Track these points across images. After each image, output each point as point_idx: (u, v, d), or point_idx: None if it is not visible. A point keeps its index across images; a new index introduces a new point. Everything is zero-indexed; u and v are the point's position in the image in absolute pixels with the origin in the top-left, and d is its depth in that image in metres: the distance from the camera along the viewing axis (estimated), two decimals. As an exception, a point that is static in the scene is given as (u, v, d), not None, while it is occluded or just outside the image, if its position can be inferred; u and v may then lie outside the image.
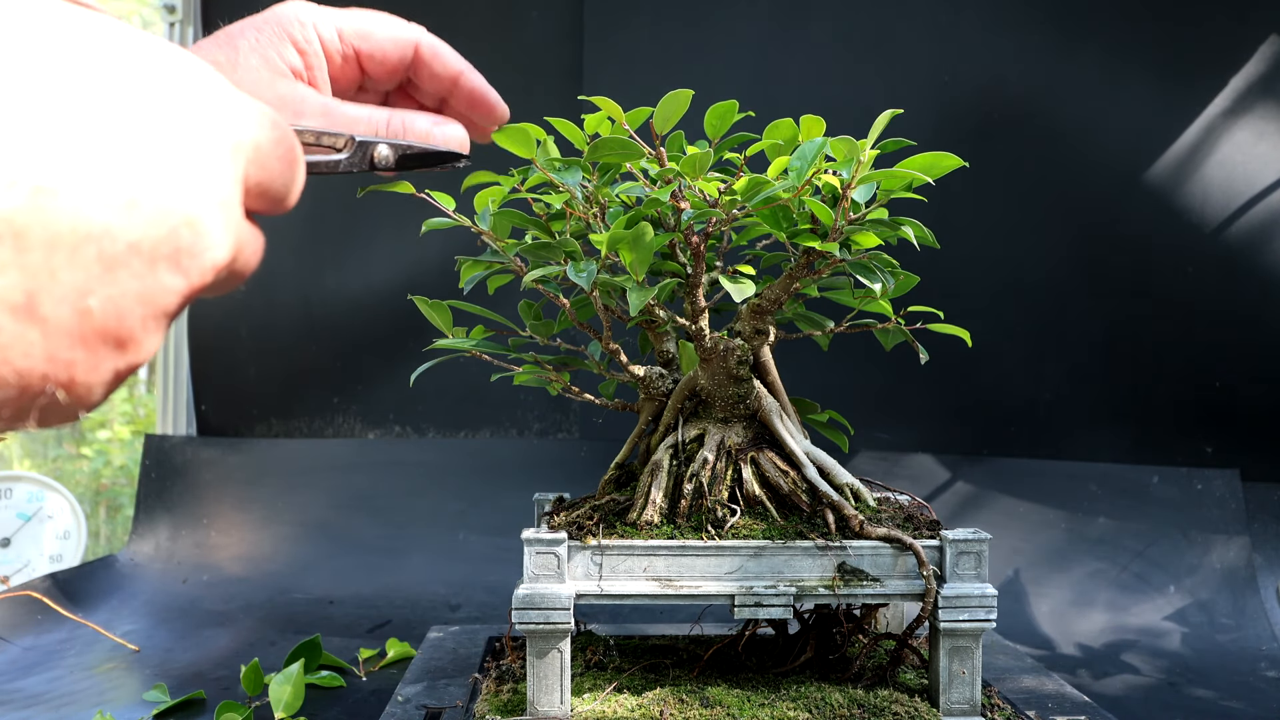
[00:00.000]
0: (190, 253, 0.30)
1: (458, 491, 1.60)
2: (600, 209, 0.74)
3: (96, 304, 0.28)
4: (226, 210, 0.32)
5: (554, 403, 1.66)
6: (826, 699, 0.74)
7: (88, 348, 0.29)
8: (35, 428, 0.30)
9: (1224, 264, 1.44)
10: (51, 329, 0.27)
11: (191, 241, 0.30)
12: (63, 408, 0.29)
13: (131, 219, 0.29)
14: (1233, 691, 1.07)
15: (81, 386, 0.29)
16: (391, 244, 1.69)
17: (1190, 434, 1.47)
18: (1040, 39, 1.51)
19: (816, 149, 0.66)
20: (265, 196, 0.35)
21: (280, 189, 0.36)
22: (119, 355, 0.30)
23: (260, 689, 0.97)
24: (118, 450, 3.13)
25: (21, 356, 0.27)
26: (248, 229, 0.35)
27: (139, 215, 0.29)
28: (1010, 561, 1.41)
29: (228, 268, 0.33)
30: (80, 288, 0.28)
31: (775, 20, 1.59)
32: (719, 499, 0.76)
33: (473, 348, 0.81)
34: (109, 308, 0.29)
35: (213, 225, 0.31)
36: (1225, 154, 1.43)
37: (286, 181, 0.36)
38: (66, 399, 0.29)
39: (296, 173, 0.37)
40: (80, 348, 0.28)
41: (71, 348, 0.28)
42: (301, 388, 1.73)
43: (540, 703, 0.73)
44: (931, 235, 0.73)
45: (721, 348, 0.76)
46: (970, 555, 0.74)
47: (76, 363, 0.29)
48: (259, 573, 1.48)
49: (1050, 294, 1.53)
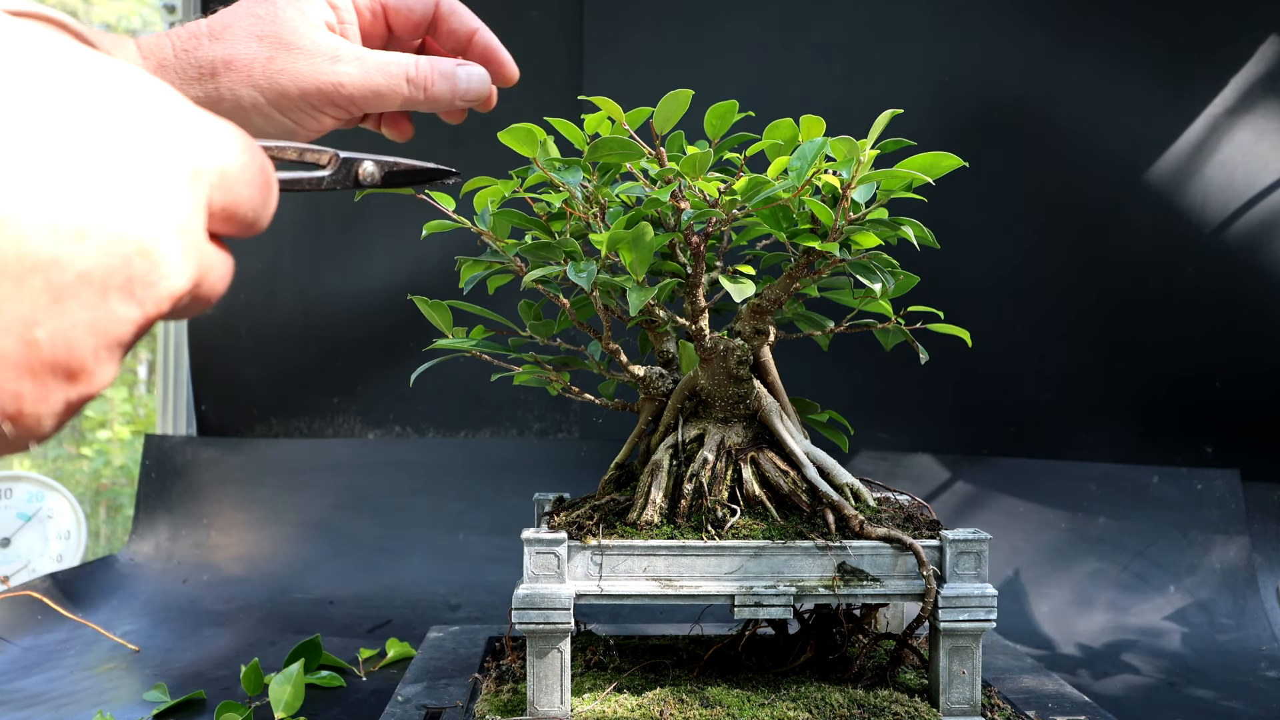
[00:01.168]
0: (145, 282, 0.29)
1: (458, 491, 1.60)
2: (600, 209, 0.74)
3: (44, 335, 0.27)
4: (186, 237, 0.31)
5: (554, 403, 1.66)
6: (826, 699, 0.74)
7: (35, 379, 0.28)
8: None
9: (1224, 264, 1.44)
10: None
11: (146, 270, 0.29)
12: (9, 440, 0.29)
13: (81, 248, 0.28)
14: (1233, 691, 1.07)
15: (30, 418, 0.28)
16: (391, 244, 1.69)
17: (1190, 434, 1.47)
18: (1040, 39, 1.51)
19: (816, 149, 0.66)
20: (233, 220, 0.34)
21: (249, 212, 0.35)
22: (70, 386, 0.29)
23: (260, 689, 0.97)
24: (118, 450, 3.13)
25: None
26: (213, 254, 0.33)
27: (89, 244, 0.28)
28: (1010, 561, 1.41)
29: (189, 294, 0.32)
30: (26, 319, 0.27)
31: (776, 20, 1.59)
32: (719, 499, 0.76)
33: (473, 348, 0.81)
34: (58, 339, 0.28)
35: (169, 253, 0.30)
36: (1225, 154, 1.43)
37: (256, 205, 0.35)
38: (13, 431, 0.28)
39: (267, 195, 0.36)
40: (27, 379, 0.28)
41: (18, 379, 0.27)
42: (301, 388, 1.73)
43: (540, 703, 0.73)
44: (931, 235, 0.73)
45: (721, 348, 0.76)
46: (970, 555, 0.74)
47: (24, 394, 0.28)
48: (259, 573, 1.48)
49: (1050, 294, 1.53)
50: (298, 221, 1.73)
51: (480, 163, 0.83)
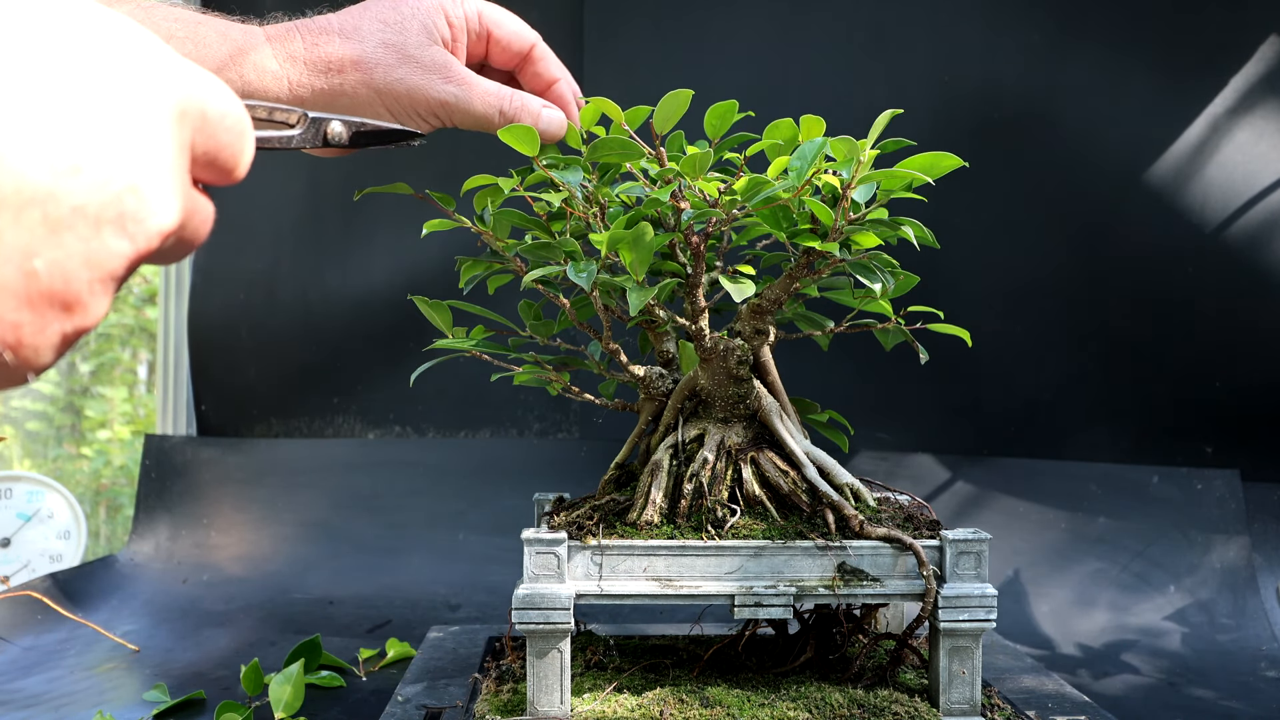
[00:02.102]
0: (135, 218, 0.31)
1: (458, 491, 1.60)
2: (600, 209, 0.74)
3: (42, 266, 0.29)
4: (173, 176, 0.33)
5: (554, 403, 1.66)
6: (826, 699, 0.74)
7: (34, 310, 0.29)
8: None
9: (1224, 264, 1.43)
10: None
11: (136, 207, 0.31)
12: (10, 369, 0.30)
13: (75, 183, 0.29)
14: (1233, 691, 1.07)
15: (29, 349, 0.30)
16: (391, 244, 1.69)
17: (1190, 434, 1.47)
18: (1040, 39, 1.51)
19: (816, 149, 0.66)
20: (213, 166, 0.36)
21: (228, 158, 0.36)
22: (66, 318, 0.30)
23: (260, 689, 0.96)
24: (118, 450, 3.13)
25: None
26: (197, 197, 0.35)
27: (83, 179, 0.29)
28: (1010, 561, 1.41)
29: (175, 234, 0.34)
30: (25, 249, 0.28)
31: (775, 20, 1.59)
32: (719, 499, 0.76)
33: (473, 348, 0.81)
34: (55, 270, 0.29)
35: (158, 190, 0.32)
36: (1225, 154, 1.43)
37: (234, 151, 0.36)
38: (14, 360, 0.30)
39: (245, 144, 0.37)
40: (27, 309, 0.29)
41: (18, 309, 0.29)
42: (301, 388, 1.73)
43: (540, 703, 0.73)
44: (931, 235, 0.73)
45: (721, 348, 0.76)
46: (970, 555, 0.74)
47: (23, 324, 0.29)
48: (259, 573, 1.48)
49: (1050, 294, 1.53)
50: (298, 221, 1.73)
51: (480, 162, 0.83)
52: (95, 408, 3.22)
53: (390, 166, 1.63)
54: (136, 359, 3.35)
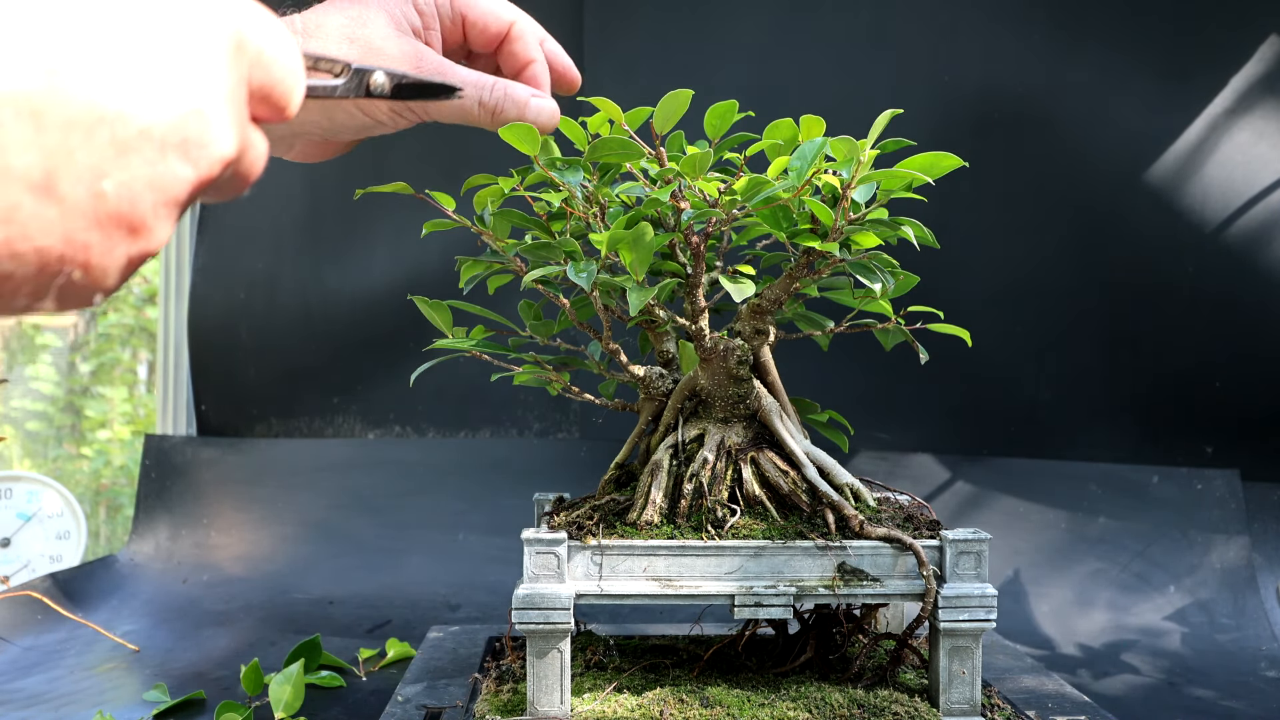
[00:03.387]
0: (198, 143, 0.32)
1: (458, 491, 1.60)
2: (600, 209, 0.74)
3: (111, 187, 0.30)
4: (232, 107, 0.34)
5: (554, 403, 1.66)
6: (826, 699, 0.74)
7: (103, 230, 0.30)
8: (53, 309, 0.31)
9: (1224, 264, 1.44)
10: (69, 209, 0.29)
11: (199, 132, 0.32)
12: (79, 289, 0.31)
13: (142, 105, 0.30)
14: (1233, 691, 1.07)
15: (97, 269, 0.31)
16: (391, 244, 1.69)
17: (1190, 434, 1.47)
18: (1040, 39, 1.51)
19: (816, 149, 0.66)
20: (267, 102, 0.37)
21: (281, 95, 0.37)
22: (132, 241, 0.31)
23: (260, 689, 0.97)
24: (118, 450, 3.13)
25: (41, 234, 0.29)
26: (252, 132, 0.36)
27: (149, 102, 0.30)
28: (1010, 561, 1.41)
29: (233, 165, 0.35)
30: (95, 169, 0.29)
31: (775, 20, 1.59)
32: (719, 499, 0.76)
33: (473, 348, 0.81)
34: (123, 191, 0.30)
35: (219, 119, 0.33)
36: (1225, 154, 1.43)
37: (287, 89, 0.37)
38: (83, 279, 0.31)
39: (297, 83, 0.38)
40: (96, 230, 0.30)
41: (88, 229, 0.30)
42: (301, 388, 1.73)
43: (540, 703, 0.73)
44: (931, 235, 0.73)
45: (721, 348, 0.76)
46: (970, 555, 0.74)
47: (92, 245, 0.30)
48: (259, 573, 1.48)
49: (1050, 293, 1.53)
50: (298, 221, 1.73)
51: (479, 163, 0.83)
52: (95, 408, 3.22)
53: (390, 166, 1.63)
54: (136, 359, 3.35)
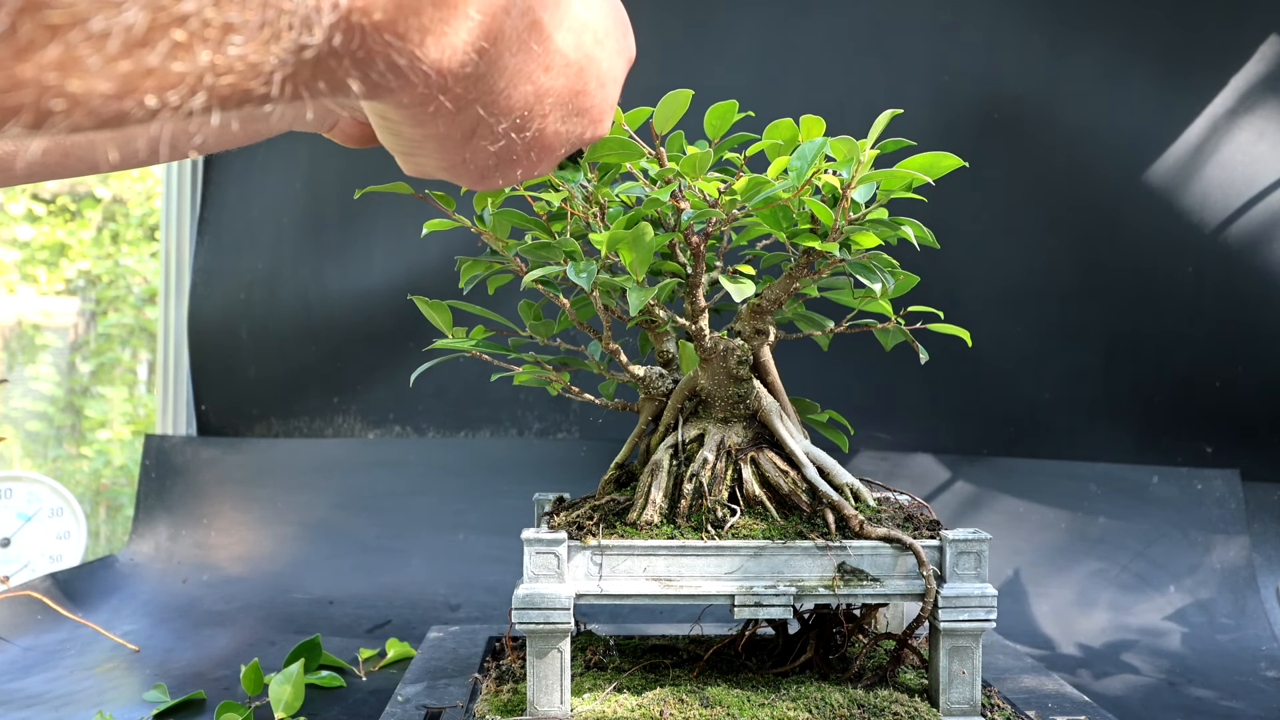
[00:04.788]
0: (616, 80, 0.45)
1: (458, 491, 1.60)
2: (600, 209, 0.74)
3: (613, 91, 0.45)
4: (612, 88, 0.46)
5: (554, 403, 1.66)
6: (826, 699, 0.74)
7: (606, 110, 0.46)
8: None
9: (1224, 264, 1.44)
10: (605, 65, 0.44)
11: (620, 74, 0.46)
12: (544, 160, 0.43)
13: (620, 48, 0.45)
14: (1233, 691, 1.07)
15: (583, 139, 0.45)
16: (391, 244, 1.69)
17: (1190, 434, 1.47)
18: (1040, 39, 1.51)
19: (816, 149, 0.66)
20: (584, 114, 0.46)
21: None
22: (595, 128, 0.45)
23: (260, 689, 0.97)
24: (118, 450, 3.13)
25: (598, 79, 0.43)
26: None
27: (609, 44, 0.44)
28: (1010, 561, 1.41)
29: (590, 139, 0.46)
30: (613, 71, 0.46)
31: (775, 20, 1.59)
32: (719, 499, 0.76)
33: (473, 348, 0.81)
34: (611, 89, 0.45)
35: (612, 97, 0.45)
36: (1225, 154, 1.43)
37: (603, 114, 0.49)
38: (584, 138, 0.45)
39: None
40: (607, 113, 0.46)
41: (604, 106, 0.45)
42: (301, 388, 1.73)
43: (540, 703, 0.73)
44: (931, 235, 0.73)
45: (721, 348, 0.76)
46: (970, 555, 0.74)
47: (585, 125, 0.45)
48: (259, 573, 1.48)
49: (1050, 294, 1.53)
50: (298, 221, 1.73)
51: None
52: (95, 408, 3.22)
53: (390, 166, 1.63)
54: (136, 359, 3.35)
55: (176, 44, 0.23)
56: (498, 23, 0.31)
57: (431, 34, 0.29)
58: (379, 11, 0.26)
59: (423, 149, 0.37)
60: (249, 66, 0.24)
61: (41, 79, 0.21)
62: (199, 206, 1.75)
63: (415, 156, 0.38)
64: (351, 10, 0.26)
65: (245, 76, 0.25)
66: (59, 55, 0.21)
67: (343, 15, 0.26)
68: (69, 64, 0.21)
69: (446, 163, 0.38)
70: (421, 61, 0.29)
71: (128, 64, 0.22)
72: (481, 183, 0.40)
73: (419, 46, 0.29)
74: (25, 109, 0.22)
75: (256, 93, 0.26)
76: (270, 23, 0.24)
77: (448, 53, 0.30)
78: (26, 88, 0.21)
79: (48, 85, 0.22)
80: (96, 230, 3.50)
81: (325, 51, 0.26)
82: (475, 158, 0.38)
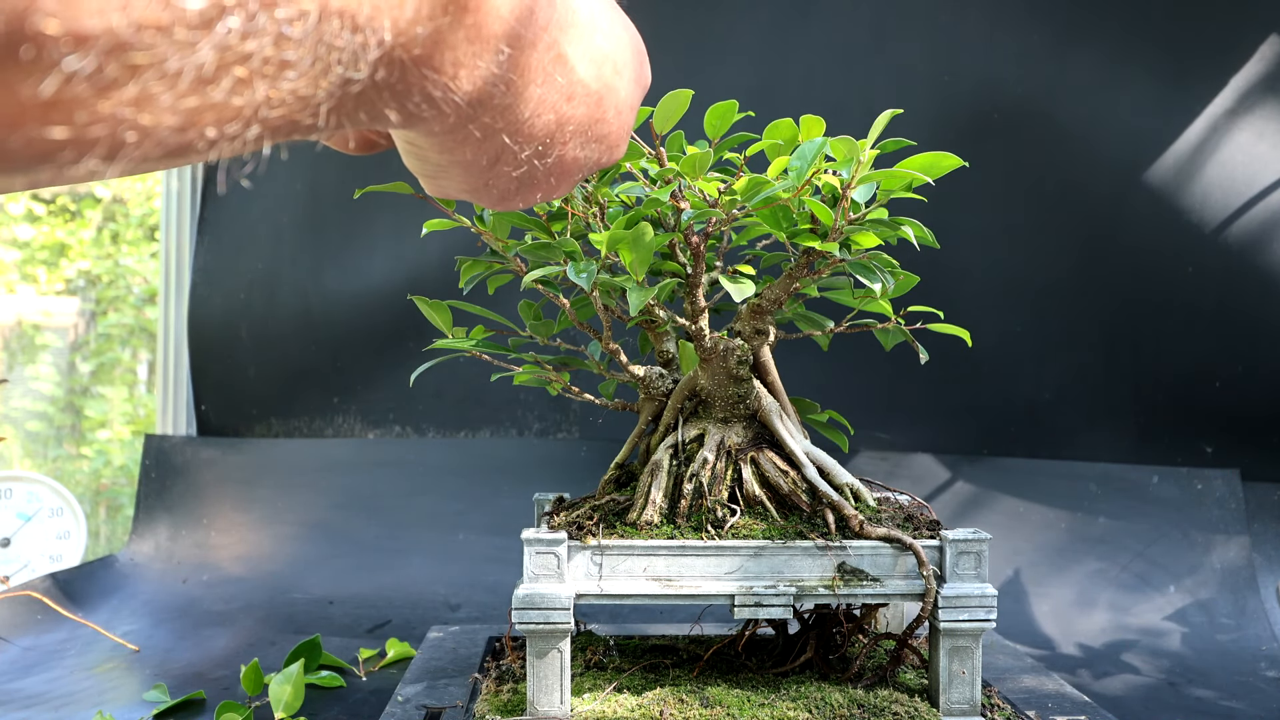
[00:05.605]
0: (633, 107, 0.45)
1: (458, 491, 1.60)
2: (600, 209, 0.74)
3: (628, 112, 0.45)
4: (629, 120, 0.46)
5: (554, 403, 1.66)
6: (826, 699, 0.74)
7: (618, 142, 0.45)
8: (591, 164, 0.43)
9: (1224, 264, 1.44)
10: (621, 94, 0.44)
11: (634, 104, 0.46)
12: (559, 186, 0.43)
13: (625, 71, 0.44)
14: (1233, 691, 1.07)
15: (589, 167, 0.44)
16: (391, 244, 1.69)
17: (1190, 434, 1.47)
18: (1040, 39, 1.51)
19: (816, 149, 0.66)
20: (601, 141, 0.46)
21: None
22: (611, 154, 0.44)
23: (260, 689, 0.97)
24: (118, 450, 3.13)
25: (615, 108, 0.43)
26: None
27: (626, 77, 0.44)
28: (1010, 561, 1.41)
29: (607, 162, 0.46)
30: (630, 100, 0.45)
31: (775, 20, 1.59)
32: (719, 499, 0.76)
33: (473, 348, 0.81)
34: (626, 117, 0.45)
35: (625, 126, 0.45)
36: (1225, 154, 1.43)
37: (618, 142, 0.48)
38: (603, 158, 0.44)
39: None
40: (620, 140, 0.45)
41: (620, 134, 0.44)
42: (301, 388, 1.73)
43: (540, 703, 0.73)
44: (931, 235, 0.73)
45: (721, 348, 0.76)
46: (970, 555, 0.74)
47: (602, 156, 0.44)
48: (259, 573, 1.48)
49: (1050, 294, 1.53)
50: (298, 221, 1.73)
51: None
52: (95, 408, 3.22)
53: (390, 166, 1.63)
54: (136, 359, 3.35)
55: (238, 80, 0.24)
56: (526, 56, 0.33)
57: (465, 67, 0.30)
58: (418, 47, 0.28)
59: (448, 173, 0.39)
60: (300, 100, 0.26)
61: (118, 114, 0.23)
62: (199, 206, 1.75)
63: (439, 179, 0.40)
64: (395, 47, 0.27)
65: (295, 109, 0.26)
66: (136, 93, 0.23)
67: (386, 51, 0.27)
68: (144, 100, 0.23)
69: (469, 186, 0.39)
70: (454, 93, 0.31)
71: (195, 99, 0.24)
72: (501, 204, 0.42)
73: (453, 79, 0.30)
74: (102, 142, 0.23)
75: (304, 123, 0.27)
76: (321, 59, 0.25)
77: (479, 85, 0.32)
78: (104, 122, 0.23)
79: (123, 119, 0.23)
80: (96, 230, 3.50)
81: (369, 85, 0.28)
82: (497, 182, 0.39)
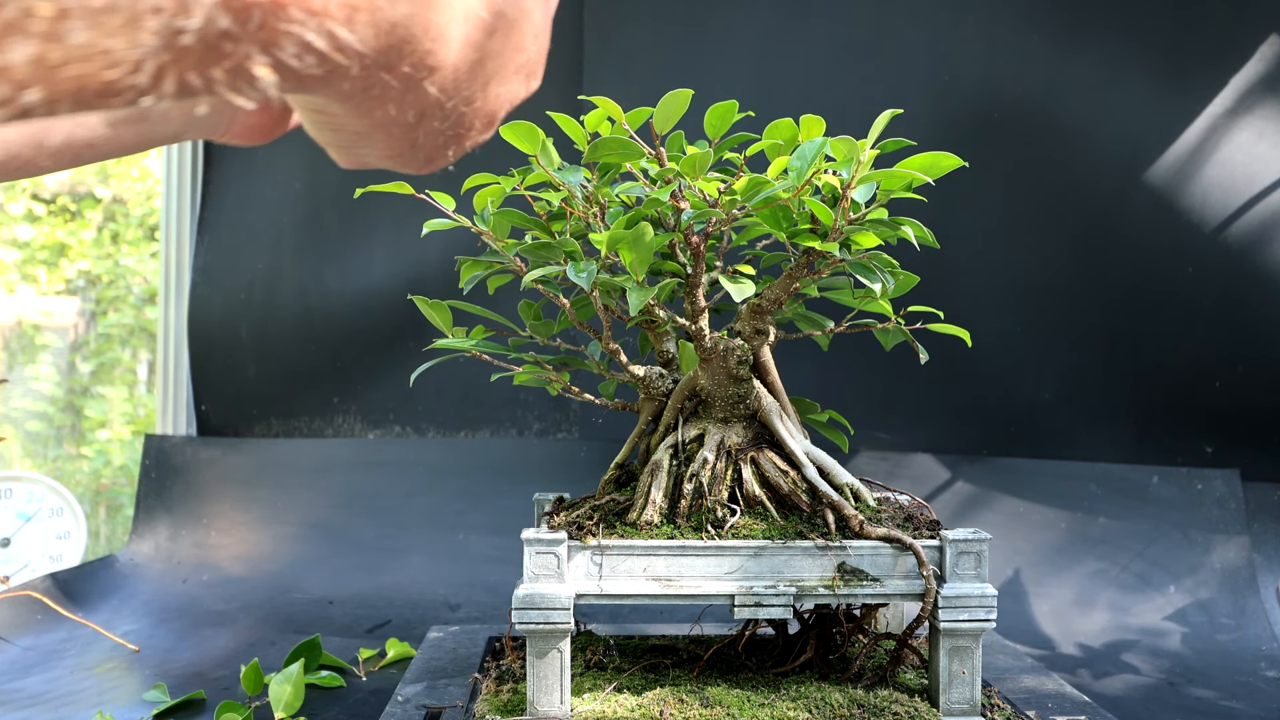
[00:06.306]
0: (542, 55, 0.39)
1: (458, 491, 1.60)
2: (600, 209, 0.74)
3: (542, 42, 0.38)
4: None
5: (554, 403, 1.66)
6: (826, 699, 0.74)
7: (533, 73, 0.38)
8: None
9: (1224, 264, 1.44)
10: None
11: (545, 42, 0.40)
12: (478, 133, 0.37)
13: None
14: (1233, 691, 1.07)
15: (503, 109, 0.38)
16: (391, 244, 1.69)
17: (1190, 434, 1.47)
18: (1040, 39, 1.51)
19: (816, 149, 0.66)
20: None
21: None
22: (527, 84, 0.38)
23: (260, 689, 0.97)
24: (118, 450, 3.13)
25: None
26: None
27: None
28: (1010, 561, 1.41)
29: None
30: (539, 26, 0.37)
31: (775, 20, 1.59)
32: (719, 499, 0.76)
33: (473, 348, 0.81)
34: (544, 40, 0.38)
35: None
36: (1225, 154, 1.43)
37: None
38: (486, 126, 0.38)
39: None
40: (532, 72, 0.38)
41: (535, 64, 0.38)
42: (301, 388, 1.73)
43: (540, 703, 0.73)
44: (931, 235, 0.73)
45: (721, 348, 0.76)
46: (970, 555, 0.74)
47: (512, 92, 0.37)
48: (259, 573, 1.48)
49: (1050, 294, 1.53)
50: (298, 221, 1.73)
51: (480, 162, 0.83)
52: (95, 408, 3.22)
53: (390, 166, 1.63)
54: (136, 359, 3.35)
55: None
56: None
57: (360, 8, 0.25)
58: None
59: (369, 139, 0.34)
60: (102, 55, 0.22)
61: None
62: (199, 206, 1.75)
63: (357, 149, 0.35)
64: None
65: (100, 66, 0.22)
66: None
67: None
68: None
69: (393, 151, 0.35)
70: (347, 40, 0.25)
71: None
72: (428, 165, 0.37)
73: (344, 22, 0.25)
74: None
75: (121, 84, 0.23)
76: (121, 8, 0.21)
77: (383, 27, 0.26)
78: None
79: None
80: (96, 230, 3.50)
81: (212, 36, 0.23)
82: (427, 139, 0.35)
